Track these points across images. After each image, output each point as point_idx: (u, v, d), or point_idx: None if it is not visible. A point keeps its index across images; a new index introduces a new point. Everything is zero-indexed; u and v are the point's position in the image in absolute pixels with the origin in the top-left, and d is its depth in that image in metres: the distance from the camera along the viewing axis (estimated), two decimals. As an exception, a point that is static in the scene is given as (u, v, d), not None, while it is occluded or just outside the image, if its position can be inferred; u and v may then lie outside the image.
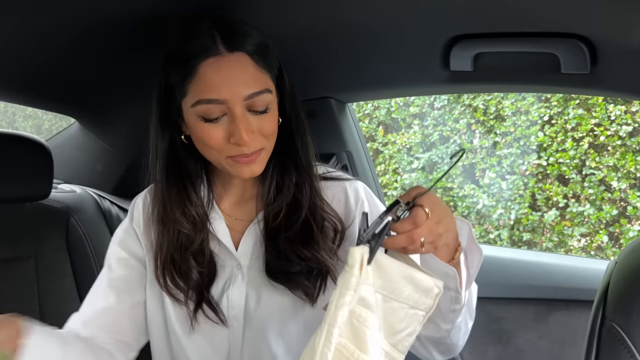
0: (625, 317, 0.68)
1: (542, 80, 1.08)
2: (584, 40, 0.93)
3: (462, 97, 3.60)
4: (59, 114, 1.82)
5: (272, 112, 0.80)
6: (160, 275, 0.87)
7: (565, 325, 1.37)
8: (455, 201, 3.62)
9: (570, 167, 3.28)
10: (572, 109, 3.28)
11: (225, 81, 0.75)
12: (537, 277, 1.39)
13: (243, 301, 0.87)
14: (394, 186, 3.81)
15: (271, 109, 0.80)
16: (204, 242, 0.87)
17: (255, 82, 0.77)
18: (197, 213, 0.86)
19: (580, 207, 3.24)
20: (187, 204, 0.86)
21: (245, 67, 0.76)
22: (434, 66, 1.09)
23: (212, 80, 0.75)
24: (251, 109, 0.78)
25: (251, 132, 0.77)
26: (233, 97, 0.75)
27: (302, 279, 0.84)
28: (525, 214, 3.37)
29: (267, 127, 0.79)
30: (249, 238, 0.89)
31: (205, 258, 0.87)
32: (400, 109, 3.83)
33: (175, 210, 0.85)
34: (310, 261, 0.84)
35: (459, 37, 1.00)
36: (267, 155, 0.83)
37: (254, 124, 0.78)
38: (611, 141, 3.19)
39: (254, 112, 0.78)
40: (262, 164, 0.82)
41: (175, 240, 0.86)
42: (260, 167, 0.82)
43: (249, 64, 0.76)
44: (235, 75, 0.75)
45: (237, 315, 0.87)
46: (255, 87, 0.76)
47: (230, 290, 0.88)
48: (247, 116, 0.77)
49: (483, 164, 3.55)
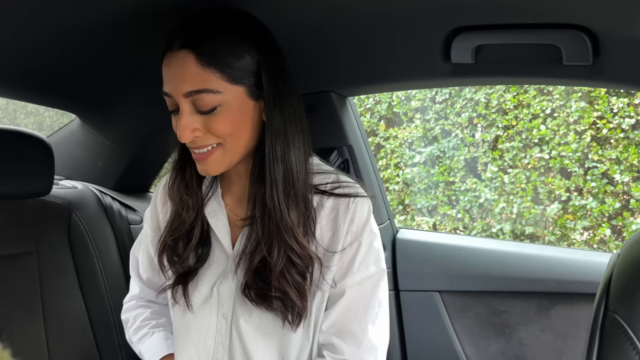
0: (628, 309, 0.67)
1: (544, 72, 1.08)
2: (586, 32, 0.92)
3: (463, 90, 3.58)
4: (60, 111, 1.82)
5: (223, 112, 0.78)
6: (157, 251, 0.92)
7: (568, 318, 1.37)
8: (457, 195, 3.62)
9: (573, 160, 3.27)
10: (574, 101, 3.26)
11: (170, 76, 0.78)
12: (540, 270, 1.39)
13: (232, 301, 0.87)
14: (395, 181, 3.81)
15: (222, 108, 0.78)
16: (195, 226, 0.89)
17: (195, 81, 0.76)
18: (191, 197, 0.89)
19: (582, 200, 3.24)
20: (186, 189, 0.89)
21: (187, 65, 0.76)
22: (435, 59, 1.08)
23: (165, 74, 0.79)
24: (197, 107, 0.78)
25: (191, 131, 0.78)
26: (175, 92, 0.78)
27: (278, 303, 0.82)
28: (527, 208, 3.37)
29: (217, 128, 0.79)
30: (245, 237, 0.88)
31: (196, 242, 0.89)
32: (401, 103, 3.82)
33: (175, 192, 0.90)
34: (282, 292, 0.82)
35: (459, 29, 0.99)
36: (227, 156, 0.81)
37: (199, 122, 0.79)
38: (614, 134, 3.18)
39: (201, 112, 0.78)
40: (218, 165, 0.81)
41: (172, 220, 0.91)
42: (215, 167, 0.81)
43: (191, 62, 0.76)
44: (176, 72, 0.77)
45: (226, 314, 0.88)
46: (193, 85, 0.76)
47: (221, 286, 0.88)
48: (192, 114, 0.78)
49: (485, 157, 3.54)
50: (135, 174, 1.59)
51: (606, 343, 0.68)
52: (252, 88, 0.80)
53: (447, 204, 3.68)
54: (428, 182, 3.73)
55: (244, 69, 0.79)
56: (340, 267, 0.86)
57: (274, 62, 0.82)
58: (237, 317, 0.86)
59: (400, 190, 3.83)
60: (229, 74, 0.77)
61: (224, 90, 0.78)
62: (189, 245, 0.89)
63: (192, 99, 0.77)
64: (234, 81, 0.78)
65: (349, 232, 0.85)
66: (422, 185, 3.74)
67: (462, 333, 1.48)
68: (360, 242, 0.86)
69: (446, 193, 3.68)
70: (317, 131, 1.44)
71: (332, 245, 0.85)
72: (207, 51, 0.76)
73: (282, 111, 0.81)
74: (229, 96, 0.78)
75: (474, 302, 1.46)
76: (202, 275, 0.89)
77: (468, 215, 3.59)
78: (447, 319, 1.48)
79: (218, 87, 0.77)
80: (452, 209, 3.64)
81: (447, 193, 3.67)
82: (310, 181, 0.85)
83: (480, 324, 1.46)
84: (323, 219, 0.86)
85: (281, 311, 0.83)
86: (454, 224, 3.66)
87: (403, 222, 3.83)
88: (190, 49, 0.76)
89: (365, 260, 0.86)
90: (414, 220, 3.81)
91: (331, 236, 0.86)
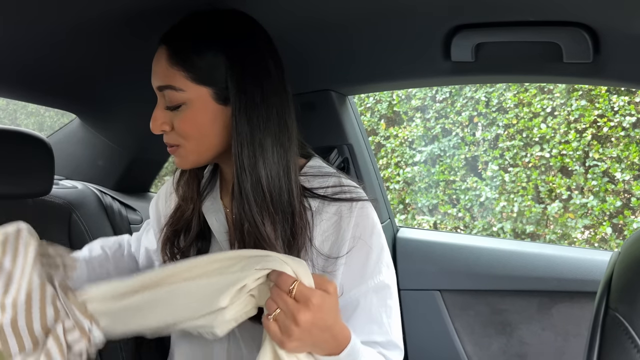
0: (628, 307, 0.67)
1: (544, 70, 1.07)
2: (587, 29, 0.92)
3: (464, 89, 3.58)
4: (60, 111, 1.82)
5: (187, 112, 0.79)
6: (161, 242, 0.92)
7: (569, 317, 1.37)
8: (458, 194, 3.61)
9: (574, 159, 3.27)
10: (574, 100, 3.26)
11: (152, 69, 0.81)
12: (541, 268, 1.39)
13: None
14: (396, 180, 3.81)
15: (186, 107, 0.79)
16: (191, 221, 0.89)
17: (163, 77, 0.79)
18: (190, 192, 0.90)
19: (583, 198, 3.23)
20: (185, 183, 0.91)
21: (160, 60, 0.80)
22: (435, 57, 1.08)
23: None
24: (166, 103, 0.80)
25: (160, 124, 0.81)
26: (153, 84, 0.81)
27: None
28: (528, 207, 3.36)
29: (181, 126, 0.80)
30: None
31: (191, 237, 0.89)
32: (402, 102, 3.82)
33: (177, 186, 0.92)
34: None
35: (459, 27, 0.99)
36: (191, 155, 0.83)
37: (168, 118, 0.81)
38: (614, 132, 3.17)
39: (168, 107, 0.80)
40: (184, 161, 0.83)
41: (174, 213, 0.92)
42: (181, 162, 0.84)
43: (163, 58, 0.79)
44: (154, 66, 0.81)
45: None
46: (162, 80, 0.79)
47: None
48: (163, 108, 0.81)
49: (486, 156, 3.54)
50: (135, 173, 1.59)
51: (607, 341, 0.68)
52: (219, 91, 0.78)
53: (447, 203, 3.68)
54: (429, 181, 3.73)
55: (208, 71, 0.78)
56: (349, 274, 0.83)
57: (243, 66, 0.78)
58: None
59: (401, 189, 3.83)
60: (192, 73, 0.78)
61: (187, 89, 0.78)
62: (188, 237, 0.89)
63: (162, 94, 0.80)
64: (198, 81, 0.78)
65: (354, 237, 0.82)
66: (422, 184, 3.74)
67: (463, 332, 1.47)
68: (371, 246, 0.83)
69: (447, 192, 3.68)
70: (316, 130, 1.45)
71: (335, 250, 0.83)
72: (176, 49, 0.78)
73: (249, 119, 0.78)
74: (193, 96, 0.78)
75: (475, 301, 1.46)
76: None
77: (469, 214, 3.59)
78: (448, 317, 1.48)
79: (182, 85, 0.78)
80: (453, 207, 3.64)
81: (447, 192, 3.67)
82: (297, 191, 0.81)
83: (481, 322, 1.46)
84: (324, 224, 0.83)
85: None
86: (454, 223, 3.66)
87: (404, 221, 3.83)
88: (166, 45, 0.79)
89: (378, 266, 0.84)
90: (414, 220, 3.81)
91: (334, 241, 0.83)
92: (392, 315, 0.85)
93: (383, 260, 0.85)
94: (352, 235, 0.82)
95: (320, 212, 0.83)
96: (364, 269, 0.83)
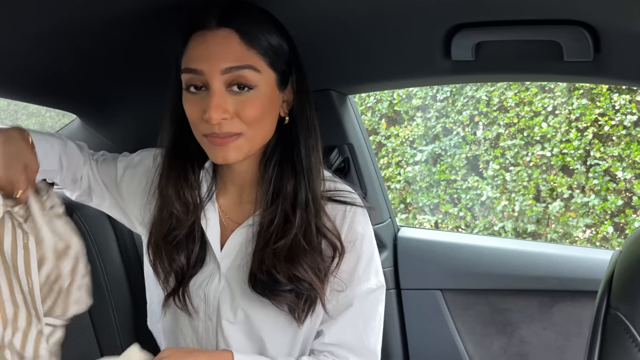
0: (629, 306, 0.67)
1: (544, 69, 1.07)
2: (587, 27, 0.92)
3: (464, 88, 3.58)
4: (61, 112, 1.82)
5: (255, 96, 0.77)
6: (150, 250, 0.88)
7: (570, 316, 1.36)
8: (459, 193, 3.61)
9: (575, 158, 3.26)
10: (576, 99, 3.25)
11: (206, 53, 0.76)
12: (542, 268, 1.38)
13: (217, 303, 0.86)
14: (397, 179, 3.80)
15: (255, 92, 0.77)
16: (194, 229, 0.86)
17: (237, 58, 0.76)
18: (191, 196, 0.86)
19: (585, 197, 3.23)
20: (183, 185, 0.86)
21: (230, 42, 0.76)
22: (435, 56, 1.08)
23: (196, 51, 0.77)
24: (231, 87, 0.76)
25: (223, 111, 0.75)
26: (210, 69, 0.75)
27: (287, 295, 0.81)
28: (529, 206, 3.36)
29: (248, 111, 0.77)
30: (236, 240, 0.87)
31: (194, 246, 0.86)
32: (402, 102, 3.81)
33: (170, 187, 0.85)
34: (295, 281, 0.80)
35: (459, 26, 0.99)
36: (247, 145, 0.79)
37: (231, 104, 0.76)
38: (616, 131, 3.17)
39: (234, 91, 0.76)
40: (239, 153, 0.79)
41: (167, 220, 0.86)
42: (235, 155, 0.79)
43: (234, 39, 0.76)
44: (217, 49, 0.76)
45: (211, 315, 0.87)
46: (235, 61, 0.76)
47: (207, 288, 0.87)
48: (224, 94, 0.76)
49: (487, 155, 3.53)
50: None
51: (608, 340, 0.68)
52: (281, 77, 0.81)
53: (448, 202, 3.68)
54: (429, 180, 3.72)
55: (280, 56, 0.80)
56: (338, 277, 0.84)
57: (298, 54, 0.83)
58: (221, 318, 0.85)
59: (402, 188, 3.82)
60: (269, 57, 0.78)
61: (263, 71, 0.78)
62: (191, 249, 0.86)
63: (228, 77, 0.76)
64: (271, 65, 0.79)
65: (346, 241, 0.83)
66: (423, 184, 3.74)
67: (464, 331, 1.47)
68: (360, 253, 0.84)
69: (448, 191, 3.67)
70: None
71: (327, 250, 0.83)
72: (250, 31, 0.77)
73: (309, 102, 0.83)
74: (264, 79, 0.78)
75: (476, 300, 1.46)
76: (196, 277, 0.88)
77: (470, 214, 3.59)
78: (449, 317, 1.48)
79: (259, 66, 0.77)
80: (454, 207, 3.63)
81: (448, 191, 3.67)
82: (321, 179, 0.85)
83: (482, 322, 1.46)
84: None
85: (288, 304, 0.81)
86: (455, 223, 3.66)
87: (405, 220, 3.82)
88: (233, 28, 0.76)
89: (366, 273, 0.85)
90: (415, 219, 3.81)
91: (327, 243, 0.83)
92: (373, 321, 0.86)
93: (372, 267, 0.86)
94: (345, 239, 0.83)
95: None
96: (352, 275, 0.84)
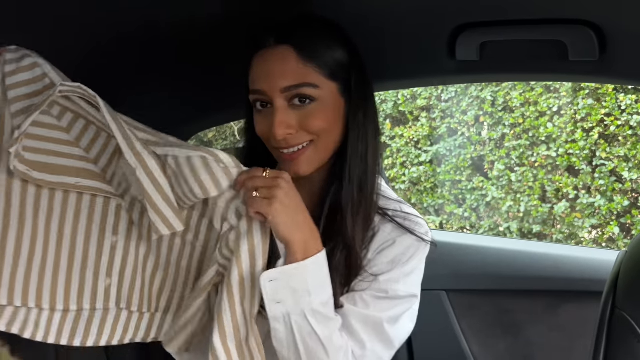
0: (635, 306, 0.67)
1: (550, 68, 1.07)
2: (593, 27, 0.91)
3: (469, 88, 3.57)
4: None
5: (318, 108, 0.77)
6: None
7: (576, 317, 1.36)
8: (464, 194, 3.60)
9: (581, 158, 3.25)
10: (581, 99, 3.24)
11: (266, 73, 0.77)
12: (547, 268, 1.38)
13: None
14: (401, 180, 3.80)
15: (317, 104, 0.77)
16: None
17: (295, 75, 0.76)
18: None
19: (590, 198, 3.21)
20: None
21: (287, 59, 0.76)
22: (440, 56, 1.08)
23: (258, 72, 0.78)
24: (292, 101, 0.77)
25: (287, 127, 0.76)
26: (270, 89, 0.76)
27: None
28: (535, 206, 3.35)
29: (312, 123, 0.77)
30: None
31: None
32: (407, 102, 3.81)
33: None
34: None
35: (464, 26, 0.99)
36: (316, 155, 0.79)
37: (295, 118, 0.77)
38: (622, 131, 3.16)
39: (296, 105, 0.77)
40: (309, 165, 0.79)
41: None
42: (305, 168, 0.79)
43: (291, 56, 0.76)
44: (275, 67, 0.76)
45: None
46: (293, 80, 0.76)
47: None
48: (287, 110, 0.76)
49: (492, 156, 3.53)
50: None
51: (613, 340, 0.68)
52: (342, 86, 0.81)
53: (453, 203, 3.67)
54: (434, 181, 3.72)
55: (339, 65, 0.80)
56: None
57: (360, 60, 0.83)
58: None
59: (407, 189, 3.82)
60: (327, 69, 0.78)
61: (322, 85, 0.77)
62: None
63: (288, 94, 0.76)
64: (331, 77, 0.78)
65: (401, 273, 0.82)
66: (428, 185, 3.74)
67: (469, 332, 1.47)
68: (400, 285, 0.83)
69: (453, 192, 3.67)
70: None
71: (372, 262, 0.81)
72: (307, 46, 0.77)
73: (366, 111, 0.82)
74: (325, 92, 0.78)
75: (481, 301, 1.45)
76: None
77: (475, 214, 3.58)
78: (454, 318, 1.48)
79: (317, 81, 0.77)
80: (459, 208, 3.63)
81: (453, 192, 3.66)
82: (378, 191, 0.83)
83: (487, 323, 1.46)
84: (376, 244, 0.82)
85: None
86: (460, 223, 3.65)
87: (409, 221, 3.82)
88: (290, 44, 0.76)
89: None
90: (420, 220, 3.80)
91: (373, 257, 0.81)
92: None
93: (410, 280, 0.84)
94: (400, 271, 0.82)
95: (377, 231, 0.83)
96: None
